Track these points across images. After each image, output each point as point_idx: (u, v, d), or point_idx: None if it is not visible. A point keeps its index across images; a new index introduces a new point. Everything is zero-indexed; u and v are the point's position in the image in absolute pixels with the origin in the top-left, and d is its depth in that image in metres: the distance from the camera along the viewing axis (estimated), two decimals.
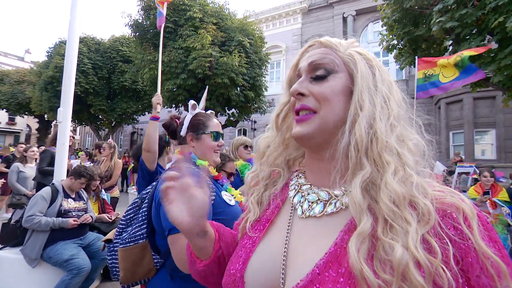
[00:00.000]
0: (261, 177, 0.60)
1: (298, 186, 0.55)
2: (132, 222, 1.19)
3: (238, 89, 10.58)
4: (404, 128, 0.48)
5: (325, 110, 0.49)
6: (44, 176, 3.69)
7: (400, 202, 0.40)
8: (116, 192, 4.46)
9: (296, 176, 0.58)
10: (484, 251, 0.37)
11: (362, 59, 0.51)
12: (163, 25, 3.13)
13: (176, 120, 1.36)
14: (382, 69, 0.52)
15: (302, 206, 0.52)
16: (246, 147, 2.91)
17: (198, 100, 1.53)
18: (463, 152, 11.17)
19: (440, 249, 0.37)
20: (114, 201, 4.36)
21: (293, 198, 0.54)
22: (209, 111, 1.37)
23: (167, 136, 1.73)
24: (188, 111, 1.34)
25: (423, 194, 0.42)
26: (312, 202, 0.51)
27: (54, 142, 3.82)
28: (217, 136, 1.27)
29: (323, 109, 0.49)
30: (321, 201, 0.50)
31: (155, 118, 2.12)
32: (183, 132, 1.26)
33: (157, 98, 2.25)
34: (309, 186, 0.54)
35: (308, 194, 0.52)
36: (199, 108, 1.32)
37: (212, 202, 1.07)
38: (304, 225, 0.50)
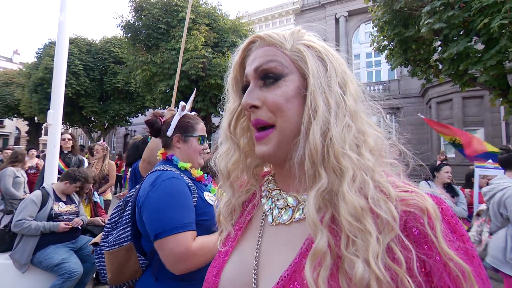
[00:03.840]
0: (234, 203, 0.55)
1: (268, 191, 0.53)
2: (117, 225, 1.20)
3: None
4: (362, 123, 0.45)
5: (281, 122, 0.45)
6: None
7: (359, 215, 0.38)
8: (108, 195, 4.42)
9: (267, 180, 0.55)
10: (446, 252, 0.36)
11: (311, 54, 0.46)
12: None
13: (160, 118, 1.36)
14: (335, 58, 0.47)
15: (272, 213, 0.50)
16: None
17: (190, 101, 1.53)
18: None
19: (404, 257, 0.36)
20: (107, 203, 4.33)
21: (264, 204, 0.52)
22: (193, 113, 1.38)
23: (149, 137, 1.73)
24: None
25: (386, 197, 0.39)
26: (281, 209, 0.49)
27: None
28: (202, 139, 1.29)
29: (278, 120, 0.45)
30: (289, 208, 0.48)
31: None
32: (169, 133, 1.26)
33: (170, 112, 2.20)
34: (278, 191, 0.51)
35: (278, 200, 0.50)
36: (186, 110, 1.33)
37: (195, 204, 1.09)
38: (274, 233, 0.48)
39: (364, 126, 0.45)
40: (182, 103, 1.31)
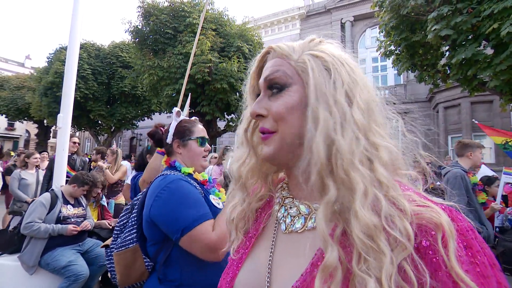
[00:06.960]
0: (247, 209, 0.55)
1: (282, 199, 0.53)
2: (125, 227, 1.26)
3: (237, 94, 10.63)
4: (374, 135, 0.42)
5: (282, 129, 0.46)
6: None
7: (372, 233, 0.36)
8: (121, 198, 4.41)
9: (281, 187, 0.55)
10: (457, 273, 0.34)
11: (315, 64, 0.45)
12: None
13: (161, 128, 1.39)
14: (344, 67, 0.45)
15: (285, 221, 0.49)
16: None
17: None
18: None
19: (416, 278, 0.35)
20: (120, 207, 4.27)
21: (277, 212, 0.52)
22: (193, 118, 1.40)
23: (149, 145, 1.77)
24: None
25: (401, 213, 0.38)
26: (294, 217, 0.49)
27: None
28: (203, 141, 1.29)
29: (280, 129, 0.46)
30: (302, 216, 0.48)
31: (162, 153, 2.19)
32: (169, 140, 1.28)
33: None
34: (291, 199, 0.51)
35: (290, 208, 0.50)
36: (183, 115, 1.35)
37: None
38: (287, 241, 0.48)
39: (376, 138, 0.42)
40: (175, 109, 1.33)
